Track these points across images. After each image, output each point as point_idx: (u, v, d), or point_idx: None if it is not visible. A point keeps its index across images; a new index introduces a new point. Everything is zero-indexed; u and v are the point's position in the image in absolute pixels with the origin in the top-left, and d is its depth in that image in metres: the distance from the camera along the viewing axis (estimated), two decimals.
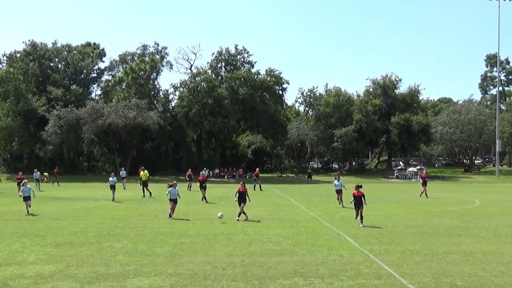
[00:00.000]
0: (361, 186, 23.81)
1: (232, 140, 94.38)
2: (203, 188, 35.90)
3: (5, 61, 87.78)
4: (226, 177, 76.72)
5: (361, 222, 22.66)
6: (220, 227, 22.15)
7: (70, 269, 14.19)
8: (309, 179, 71.53)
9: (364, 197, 23.15)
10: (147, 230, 21.22)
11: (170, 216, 25.62)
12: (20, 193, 26.86)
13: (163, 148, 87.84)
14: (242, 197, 25.29)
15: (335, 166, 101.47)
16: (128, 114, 72.59)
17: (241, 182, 25.99)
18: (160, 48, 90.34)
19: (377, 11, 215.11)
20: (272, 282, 12.78)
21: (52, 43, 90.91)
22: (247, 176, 77.90)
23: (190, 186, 48.37)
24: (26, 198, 26.91)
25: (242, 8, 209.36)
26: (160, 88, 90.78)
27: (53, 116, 74.28)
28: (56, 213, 27.88)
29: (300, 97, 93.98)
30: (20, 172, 46.27)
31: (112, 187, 36.98)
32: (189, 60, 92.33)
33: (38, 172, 50.79)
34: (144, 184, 41.45)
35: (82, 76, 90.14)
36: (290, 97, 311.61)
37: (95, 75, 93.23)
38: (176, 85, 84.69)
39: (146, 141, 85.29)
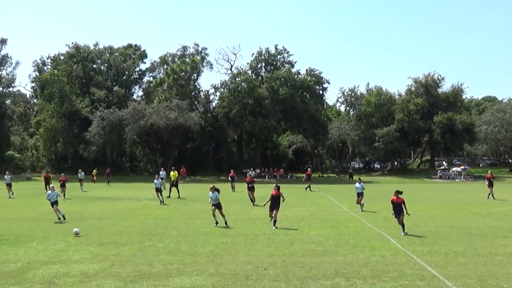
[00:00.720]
0: (401, 192, 21.38)
1: (273, 140, 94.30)
2: (250, 189, 34.81)
3: (50, 64, 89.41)
4: (267, 177, 76.70)
5: (403, 230, 20.63)
6: (262, 227, 22.14)
7: (114, 268, 14.37)
8: (350, 179, 71.01)
9: (404, 204, 20.79)
10: (189, 230, 21.35)
11: (216, 223, 22.89)
12: (48, 198, 25.09)
13: (204, 148, 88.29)
14: (275, 202, 22.65)
15: (377, 166, 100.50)
16: (170, 115, 73.11)
17: (274, 186, 23.46)
18: (200, 49, 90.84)
19: (419, 9, 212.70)
20: (313, 283, 12.72)
21: (94, 45, 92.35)
22: (288, 176, 77.76)
23: (234, 187, 48.37)
24: (54, 203, 24.95)
25: (282, 8, 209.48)
26: (201, 89, 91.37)
27: (96, 117, 75.32)
28: (100, 212, 28.28)
29: (341, 97, 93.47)
30: (63, 174, 46.96)
31: (158, 190, 34.73)
32: (229, 61, 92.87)
33: (83, 173, 51.58)
34: (174, 184, 41.10)
35: (124, 77, 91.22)
36: (331, 97, 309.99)
37: (137, 76, 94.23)
38: (216, 85, 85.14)
39: (187, 141, 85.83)
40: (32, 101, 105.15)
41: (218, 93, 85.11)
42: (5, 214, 27.31)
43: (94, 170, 64.99)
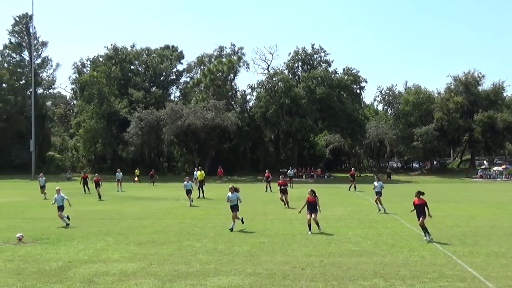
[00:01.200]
0: (423, 193, 19.64)
1: (310, 140, 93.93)
2: (282, 192, 32.59)
3: (89, 66, 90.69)
4: (304, 177, 76.51)
5: (425, 234, 19.05)
6: (299, 227, 22.07)
7: (152, 267, 14.49)
8: (388, 178, 70.37)
9: (427, 206, 19.28)
10: (226, 230, 21.40)
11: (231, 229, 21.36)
12: (53, 202, 23.73)
13: (241, 148, 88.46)
14: (312, 207, 21.08)
15: (415, 165, 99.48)
16: (207, 115, 73.41)
17: (309, 191, 21.63)
18: (236, 49, 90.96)
19: (458, 6, 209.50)
20: (351, 283, 12.63)
21: (131, 47, 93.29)
22: (325, 176, 77.44)
23: (270, 187, 48.13)
24: (60, 208, 23.31)
25: (318, 7, 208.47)
26: (238, 89, 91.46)
27: (134, 118, 76.04)
28: (138, 212, 28.56)
29: (378, 96, 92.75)
30: (97, 174, 47.44)
31: (189, 192, 33.74)
32: (266, 60, 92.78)
33: (121, 173, 52.06)
34: (200, 185, 40.87)
35: (162, 78, 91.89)
36: (369, 96, 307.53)
37: (174, 77, 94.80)
38: (253, 85, 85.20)
39: (224, 141, 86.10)
40: (72, 103, 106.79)
41: (254, 93, 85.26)
42: (46, 214, 27.80)
43: (136, 170, 65.46)
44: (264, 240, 18.83)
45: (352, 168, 53.87)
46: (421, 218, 19.16)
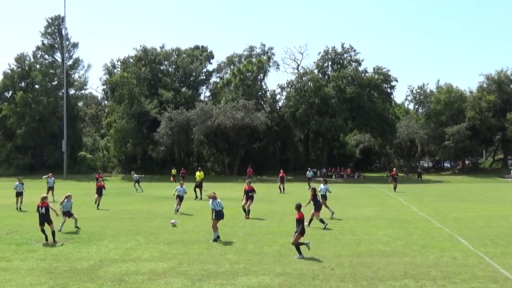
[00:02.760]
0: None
1: (340, 140, 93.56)
2: (247, 198, 29.38)
3: (120, 67, 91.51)
4: (333, 176, 76.17)
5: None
6: (328, 227, 22.00)
7: (182, 266, 14.58)
8: (419, 178, 69.61)
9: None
10: (255, 230, 21.44)
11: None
12: (60, 207, 21.89)
13: (270, 148, 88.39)
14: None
15: (447, 165, 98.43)
16: (236, 115, 73.47)
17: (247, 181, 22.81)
18: (266, 49, 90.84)
19: (491, 3, 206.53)
20: (381, 284, 12.57)
21: (161, 47, 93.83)
22: (355, 176, 77.03)
23: (283, 188, 47.21)
24: (66, 214, 21.67)
25: (348, 6, 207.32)
26: (267, 89, 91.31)
27: (164, 118, 76.40)
28: (168, 212, 28.72)
29: (409, 95, 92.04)
30: (100, 171, 46.48)
31: (180, 198, 29.29)
32: (296, 60, 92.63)
33: (136, 175, 51.41)
34: (198, 186, 39.40)
35: (191, 78, 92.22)
36: (399, 95, 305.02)
37: (204, 77, 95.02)
38: (283, 85, 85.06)
39: (253, 141, 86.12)
40: (103, 103, 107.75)
41: (284, 93, 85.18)
42: (78, 213, 28.04)
43: (173, 170, 65.55)
44: None
45: (394, 169, 52.42)
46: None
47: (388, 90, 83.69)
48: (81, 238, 19.35)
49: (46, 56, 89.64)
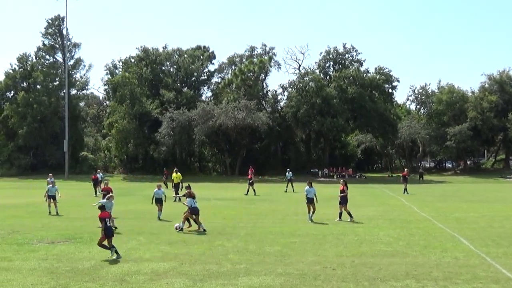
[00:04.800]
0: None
1: (341, 140, 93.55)
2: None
3: (121, 67, 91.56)
4: (335, 177, 76.08)
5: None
6: (330, 227, 22.03)
7: (184, 266, 14.58)
8: (421, 179, 69.55)
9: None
10: (257, 230, 21.44)
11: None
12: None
13: (272, 148, 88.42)
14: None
15: (449, 165, 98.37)
16: (238, 115, 73.49)
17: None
18: (268, 49, 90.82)
19: (492, 4, 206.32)
20: (383, 284, 12.56)
21: (163, 48, 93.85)
22: (357, 176, 76.99)
23: (292, 186, 47.38)
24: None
25: (349, 6, 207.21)
26: (269, 89, 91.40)
27: (166, 118, 76.43)
28: (169, 212, 28.63)
29: (411, 95, 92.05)
30: (99, 170, 45.66)
31: (159, 202, 26.20)
32: (297, 60, 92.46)
33: (101, 174, 47.92)
34: (175, 187, 38.31)
35: (193, 78, 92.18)
36: (401, 95, 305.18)
37: (205, 77, 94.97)
38: (284, 85, 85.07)
39: (255, 141, 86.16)
40: (104, 103, 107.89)
41: (286, 93, 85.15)
42: (79, 213, 28.17)
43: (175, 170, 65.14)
44: (295, 240, 18.81)
45: (406, 169, 51.30)
46: None
47: (390, 90, 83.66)
48: (82, 238, 19.35)
49: (48, 57, 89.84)
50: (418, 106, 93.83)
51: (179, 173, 40.01)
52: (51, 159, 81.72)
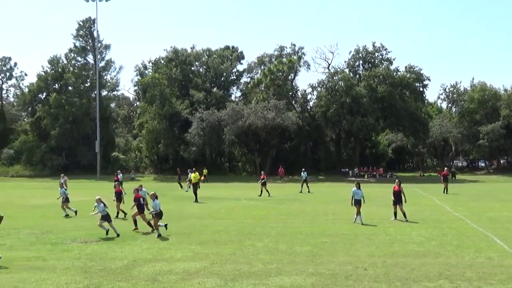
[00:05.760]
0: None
1: (372, 139, 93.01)
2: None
3: (151, 68, 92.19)
4: (366, 176, 75.60)
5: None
6: (361, 227, 21.88)
7: (215, 266, 14.61)
8: (453, 178, 68.75)
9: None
10: (287, 229, 21.39)
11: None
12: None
13: (301, 148, 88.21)
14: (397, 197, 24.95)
15: (482, 164, 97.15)
16: (267, 115, 73.52)
17: (396, 181, 25.27)
18: (297, 48, 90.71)
19: None
20: (415, 284, 12.43)
21: (191, 48, 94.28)
22: (388, 176, 76.39)
23: (307, 186, 46.18)
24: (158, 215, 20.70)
25: (379, 4, 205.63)
26: (298, 89, 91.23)
27: (195, 119, 76.78)
28: (199, 212, 28.83)
29: (442, 93, 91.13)
30: (119, 171, 44.92)
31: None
32: (326, 59, 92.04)
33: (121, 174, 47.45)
34: (194, 187, 37.73)
35: (222, 79, 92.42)
36: (432, 94, 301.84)
37: (234, 77, 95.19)
38: (314, 85, 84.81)
39: (285, 141, 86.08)
40: (135, 104, 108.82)
41: (315, 92, 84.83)
42: (112, 213, 28.33)
43: (205, 170, 65.65)
44: (326, 240, 18.72)
45: (446, 168, 50.22)
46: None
47: (421, 89, 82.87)
48: (114, 238, 19.53)
49: (79, 58, 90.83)
50: (449, 105, 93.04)
51: (196, 173, 39.80)
52: (83, 159, 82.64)
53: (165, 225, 20.95)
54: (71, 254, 16.48)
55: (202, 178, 62.02)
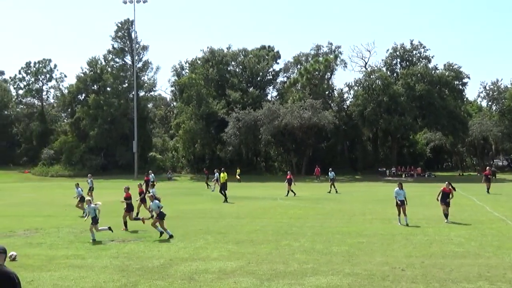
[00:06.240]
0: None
1: (409, 138, 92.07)
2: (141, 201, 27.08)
3: (188, 68, 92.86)
4: (403, 176, 74.80)
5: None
6: (399, 228, 21.65)
7: (251, 266, 14.60)
8: (493, 177, 67.51)
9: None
10: (324, 229, 21.28)
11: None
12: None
13: (338, 147, 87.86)
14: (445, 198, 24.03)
15: None
16: (304, 115, 73.38)
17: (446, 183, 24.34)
18: (333, 47, 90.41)
19: None
20: (454, 286, 12.23)
21: (227, 48, 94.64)
22: (426, 175, 75.47)
23: (334, 187, 44.85)
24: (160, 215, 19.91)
25: (416, 1, 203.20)
26: (335, 88, 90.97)
27: (232, 119, 77.07)
28: (236, 211, 28.90)
29: (482, 91, 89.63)
30: (150, 171, 44.52)
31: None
32: (363, 58, 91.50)
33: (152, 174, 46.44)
34: (222, 188, 37.05)
35: (258, 78, 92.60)
36: (472, 92, 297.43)
37: (271, 77, 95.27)
38: (350, 84, 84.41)
39: (321, 140, 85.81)
40: (172, 104, 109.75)
41: (352, 91, 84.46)
42: (148, 213, 28.62)
43: (238, 170, 66.01)
44: (363, 240, 18.57)
45: (487, 168, 49.19)
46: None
47: (460, 87, 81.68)
48: (152, 237, 19.71)
49: (117, 59, 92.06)
50: (489, 103, 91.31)
51: (225, 173, 39.25)
52: (121, 159, 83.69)
53: (109, 228, 20.17)
54: (109, 253, 16.69)
55: (237, 177, 62.35)
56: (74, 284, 12.82)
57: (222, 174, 38.40)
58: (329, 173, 46.60)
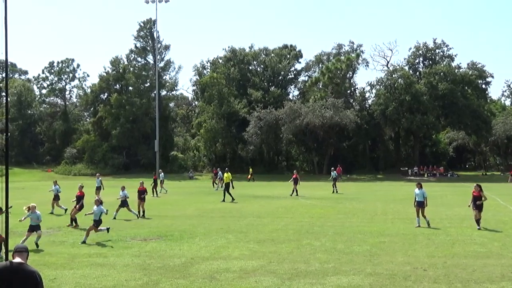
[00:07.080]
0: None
1: (432, 137, 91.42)
2: (140, 199, 27.30)
3: (209, 67, 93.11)
4: (426, 175, 74.31)
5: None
6: (421, 227, 21.48)
7: (272, 265, 14.60)
8: None
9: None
10: (345, 229, 21.21)
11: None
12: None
13: (360, 146, 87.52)
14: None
15: None
16: (325, 114, 73.21)
17: (475, 185, 23.03)
18: (355, 46, 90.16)
19: None
20: (477, 286, 12.12)
21: (249, 47, 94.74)
22: (449, 175, 74.90)
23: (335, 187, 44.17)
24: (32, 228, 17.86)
25: (438, 1, 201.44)
26: (356, 87, 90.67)
27: (253, 118, 77.14)
28: (258, 211, 28.91)
29: (506, 90, 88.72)
30: (160, 170, 44.46)
31: (124, 204, 26.11)
32: (385, 57, 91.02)
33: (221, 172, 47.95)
34: (226, 187, 36.62)
35: (280, 77, 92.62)
36: (495, 91, 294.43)
37: (292, 76, 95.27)
38: (372, 82, 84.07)
39: (343, 139, 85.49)
40: (193, 103, 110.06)
41: (374, 90, 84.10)
42: (170, 211, 28.78)
43: (250, 169, 66.28)
44: (384, 239, 18.47)
45: None
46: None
47: (483, 86, 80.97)
48: (173, 236, 19.77)
49: (139, 59, 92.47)
50: None
51: (229, 173, 38.99)
52: (143, 158, 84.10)
53: (107, 229, 19.94)
54: (131, 251, 16.78)
55: (249, 177, 62.48)
56: (96, 282, 12.92)
57: (226, 174, 37.91)
58: (331, 172, 46.25)
